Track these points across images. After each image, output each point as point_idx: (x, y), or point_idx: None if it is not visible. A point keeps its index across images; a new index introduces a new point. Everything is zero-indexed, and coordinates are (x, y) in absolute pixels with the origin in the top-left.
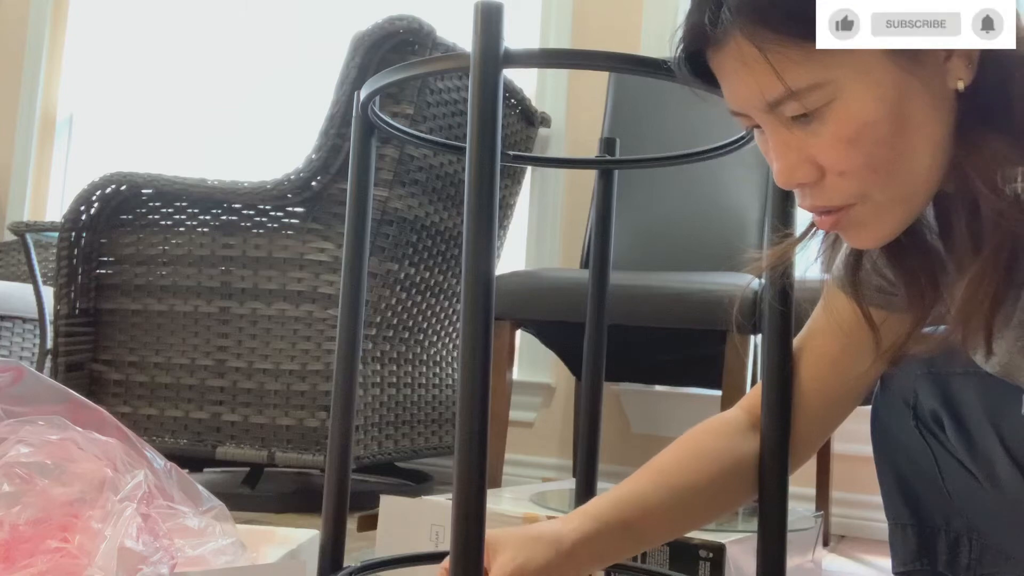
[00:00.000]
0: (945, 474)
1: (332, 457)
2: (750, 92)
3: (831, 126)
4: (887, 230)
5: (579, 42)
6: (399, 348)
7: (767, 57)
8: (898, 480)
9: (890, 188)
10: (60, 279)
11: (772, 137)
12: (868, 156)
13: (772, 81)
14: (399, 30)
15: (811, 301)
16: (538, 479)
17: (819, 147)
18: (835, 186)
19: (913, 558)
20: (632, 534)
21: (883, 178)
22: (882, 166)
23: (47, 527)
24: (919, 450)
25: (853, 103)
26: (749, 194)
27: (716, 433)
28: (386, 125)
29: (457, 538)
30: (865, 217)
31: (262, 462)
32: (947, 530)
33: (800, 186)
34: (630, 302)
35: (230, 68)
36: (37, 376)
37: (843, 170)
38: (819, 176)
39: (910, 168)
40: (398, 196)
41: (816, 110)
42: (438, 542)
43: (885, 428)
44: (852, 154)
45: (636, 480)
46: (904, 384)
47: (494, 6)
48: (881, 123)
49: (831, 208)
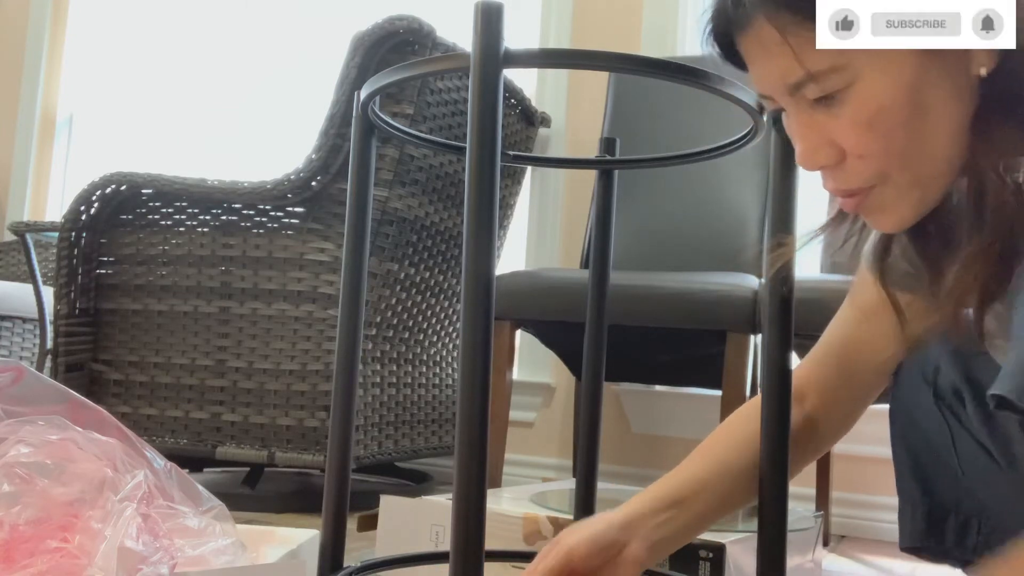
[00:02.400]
0: (960, 452)
1: (332, 457)
2: (772, 75)
3: (850, 109)
4: (907, 213)
5: (579, 42)
6: (399, 348)
7: (787, 39)
8: (912, 459)
9: (909, 171)
10: (60, 279)
11: (795, 119)
12: (886, 139)
13: (792, 64)
14: (399, 30)
15: (811, 301)
16: (538, 479)
17: (839, 130)
18: (855, 169)
19: (921, 537)
20: (686, 511)
21: (901, 161)
22: (900, 150)
23: (47, 527)
24: (935, 429)
25: (871, 86)
26: (749, 194)
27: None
28: (386, 125)
29: (457, 538)
30: (885, 200)
31: (262, 462)
32: (957, 512)
33: (822, 168)
34: (630, 302)
35: (230, 68)
36: (37, 376)
37: (862, 153)
38: (840, 159)
39: (929, 152)
40: (398, 196)
41: (836, 93)
42: (438, 542)
43: (903, 406)
44: (870, 137)
45: (688, 462)
46: (926, 359)
47: (494, 6)
48: (898, 107)
49: (852, 190)
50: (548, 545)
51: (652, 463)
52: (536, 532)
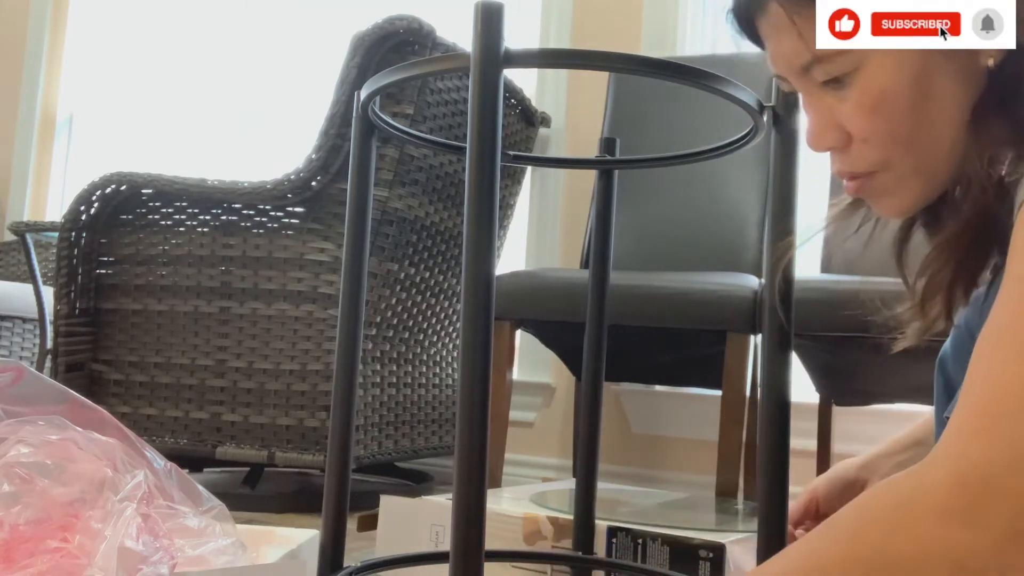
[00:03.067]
0: None
1: (332, 457)
2: (784, 56)
3: (856, 92)
4: (908, 200)
5: (579, 42)
6: (399, 348)
7: (794, 22)
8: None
9: (911, 158)
10: (60, 279)
11: (805, 101)
12: (890, 124)
13: (800, 46)
14: (399, 30)
15: (811, 301)
16: (538, 479)
17: (846, 113)
18: (860, 152)
19: None
20: (927, 448)
21: (905, 148)
22: (904, 136)
23: (47, 527)
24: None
25: (876, 71)
26: (749, 194)
27: None
28: (386, 125)
29: (457, 538)
30: (887, 186)
31: (262, 462)
32: None
33: (830, 150)
34: (630, 302)
35: (230, 68)
36: (37, 376)
37: (866, 137)
38: (847, 142)
39: (933, 139)
40: (398, 196)
41: (844, 76)
42: (438, 542)
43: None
44: (874, 121)
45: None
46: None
47: (494, 6)
48: (903, 93)
49: (855, 174)
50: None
51: (652, 463)
52: (536, 532)
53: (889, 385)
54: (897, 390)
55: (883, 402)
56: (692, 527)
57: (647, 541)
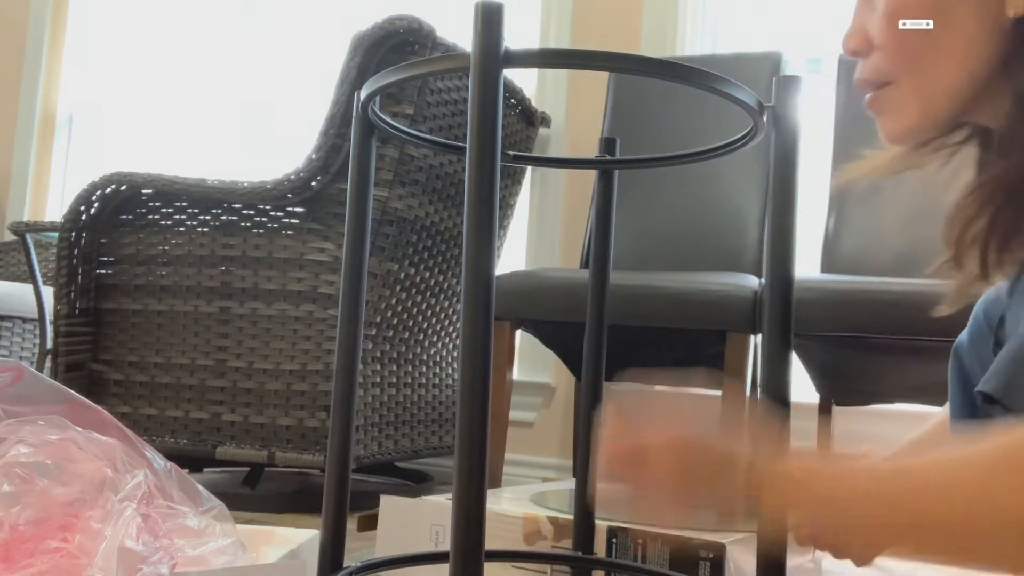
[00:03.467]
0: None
1: (332, 457)
2: None
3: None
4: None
5: (579, 42)
6: (399, 348)
7: None
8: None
9: (913, 80)
10: (60, 279)
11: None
12: (902, 37)
13: None
14: (399, 30)
15: (811, 301)
16: (538, 479)
17: (873, 20)
18: (874, 61)
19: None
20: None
21: (909, 66)
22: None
23: (47, 527)
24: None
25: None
26: (749, 194)
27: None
28: (386, 125)
29: (457, 538)
30: (890, 103)
31: (262, 462)
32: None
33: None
34: (630, 302)
35: (230, 67)
36: (37, 376)
37: (881, 44)
38: (869, 48)
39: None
40: (398, 196)
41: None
42: (438, 542)
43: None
44: (889, 31)
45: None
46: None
47: (494, 6)
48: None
49: (865, 80)
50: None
51: None
52: (536, 532)
53: (889, 385)
54: (897, 390)
55: (883, 402)
56: (692, 527)
57: (647, 541)
